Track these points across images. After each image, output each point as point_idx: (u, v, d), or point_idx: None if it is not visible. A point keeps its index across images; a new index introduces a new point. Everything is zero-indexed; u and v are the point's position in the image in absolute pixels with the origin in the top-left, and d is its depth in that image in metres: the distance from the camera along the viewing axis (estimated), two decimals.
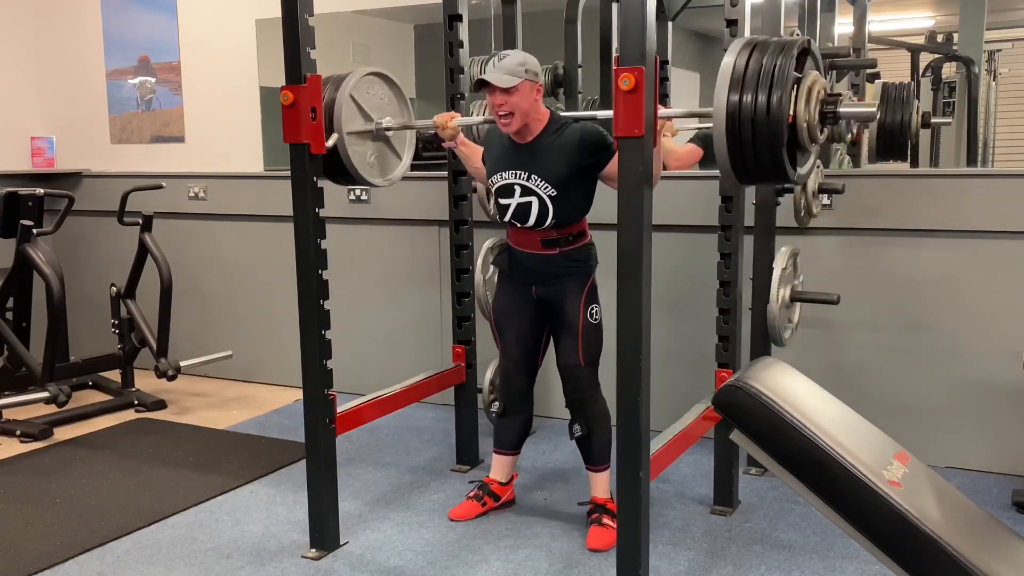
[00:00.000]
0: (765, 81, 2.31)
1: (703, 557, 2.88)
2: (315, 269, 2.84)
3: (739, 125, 2.32)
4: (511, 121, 2.85)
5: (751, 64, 2.35)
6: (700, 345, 3.59)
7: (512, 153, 2.95)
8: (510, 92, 2.80)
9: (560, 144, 2.88)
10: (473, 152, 3.22)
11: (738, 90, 2.33)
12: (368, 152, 3.13)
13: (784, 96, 2.29)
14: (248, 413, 4.51)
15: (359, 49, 5.10)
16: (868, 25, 4.23)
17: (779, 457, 2.16)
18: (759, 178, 2.45)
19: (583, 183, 2.93)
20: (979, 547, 2.03)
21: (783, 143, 2.32)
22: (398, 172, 3.28)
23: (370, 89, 3.13)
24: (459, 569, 2.82)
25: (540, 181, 2.89)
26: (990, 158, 4.68)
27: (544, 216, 2.92)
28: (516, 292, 3.10)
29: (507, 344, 3.14)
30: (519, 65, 2.81)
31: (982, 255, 3.47)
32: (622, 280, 2.32)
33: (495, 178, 2.99)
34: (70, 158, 5.48)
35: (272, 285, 4.84)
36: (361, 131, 3.08)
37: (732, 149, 2.36)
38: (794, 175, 2.42)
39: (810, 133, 2.38)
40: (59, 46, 5.44)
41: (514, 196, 2.94)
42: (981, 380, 3.51)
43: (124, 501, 3.38)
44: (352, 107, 3.02)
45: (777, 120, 2.29)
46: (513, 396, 3.16)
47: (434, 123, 3.15)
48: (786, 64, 2.31)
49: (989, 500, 3.27)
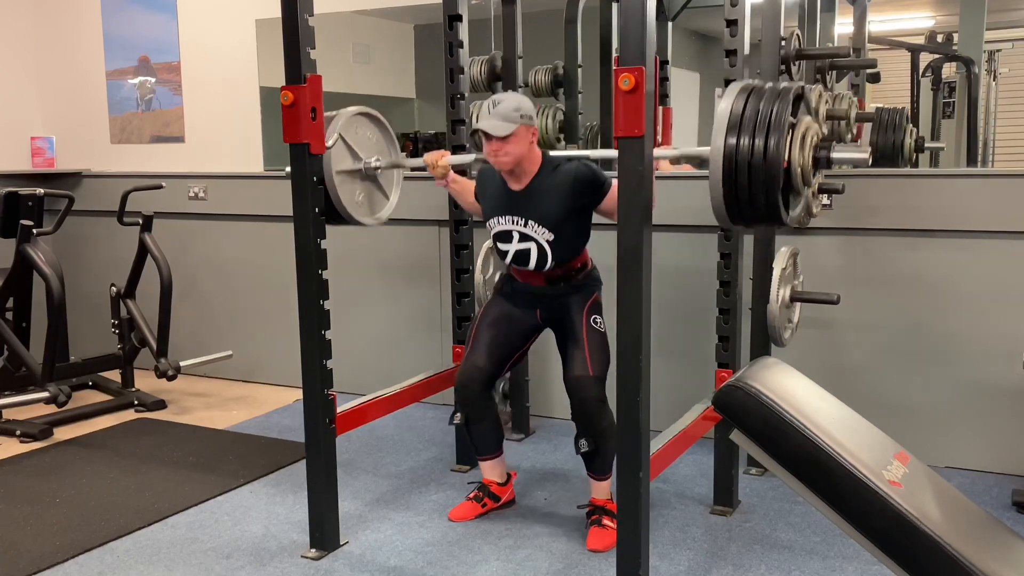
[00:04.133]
0: (762, 126, 2.37)
1: (703, 557, 2.88)
2: (315, 269, 2.84)
3: (736, 169, 2.38)
4: (507, 162, 2.88)
5: (748, 109, 2.41)
6: (700, 345, 3.59)
7: (508, 199, 2.97)
8: (506, 139, 2.82)
9: (554, 187, 2.90)
10: (464, 188, 3.25)
11: (735, 134, 2.39)
12: (356, 191, 3.19)
13: (781, 141, 2.35)
14: (248, 413, 4.52)
15: (359, 49, 5.10)
16: (868, 25, 4.23)
17: (779, 457, 2.17)
18: (752, 220, 2.51)
19: (579, 221, 2.96)
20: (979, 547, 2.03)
21: (779, 187, 2.38)
22: (386, 211, 3.34)
23: (359, 129, 3.19)
24: (459, 569, 2.82)
25: (537, 226, 2.92)
26: (990, 158, 4.68)
27: (544, 259, 2.95)
28: (515, 308, 3.11)
29: (476, 350, 3.12)
30: (514, 111, 2.83)
31: (982, 255, 3.47)
32: (622, 280, 2.32)
33: (492, 223, 3.02)
34: (70, 158, 5.48)
35: (272, 285, 4.84)
36: (350, 170, 3.13)
37: (728, 192, 2.42)
38: (787, 218, 2.47)
39: (804, 177, 2.45)
40: (59, 46, 5.44)
41: (512, 242, 2.97)
42: (981, 380, 3.51)
43: (124, 501, 3.39)
44: (341, 147, 3.08)
45: (774, 165, 2.35)
46: (470, 405, 3.11)
47: (424, 162, 3.18)
48: (782, 110, 2.37)
49: (989, 500, 3.27)
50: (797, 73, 3.33)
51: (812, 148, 2.46)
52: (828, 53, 3.54)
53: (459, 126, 3.61)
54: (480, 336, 3.13)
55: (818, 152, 2.48)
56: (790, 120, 2.39)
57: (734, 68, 3.04)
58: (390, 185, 3.36)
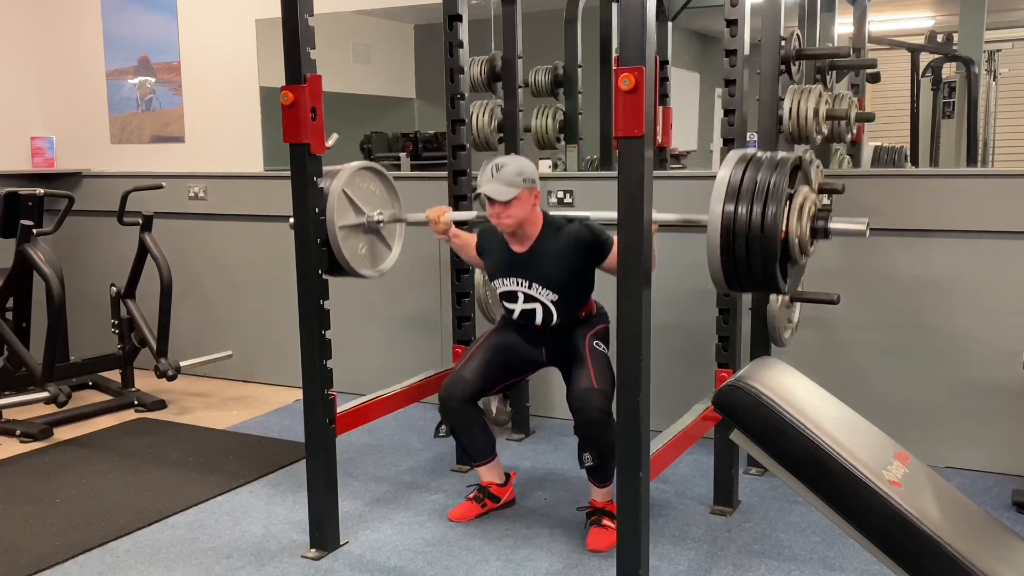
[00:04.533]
0: (760, 196, 2.40)
1: (703, 557, 2.88)
2: (315, 269, 2.84)
3: (733, 238, 2.41)
4: (510, 224, 2.92)
5: (746, 178, 2.44)
6: (700, 345, 3.59)
7: (511, 261, 3.02)
8: (509, 204, 2.86)
9: (556, 250, 2.94)
10: (466, 243, 3.27)
11: (733, 203, 2.41)
12: (360, 245, 3.24)
13: (778, 211, 2.38)
14: (248, 413, 4.52)
15: (359, 49, 5.11)
16: (868, 25, 4.23)
17: (779, 457, 2.17)
18: (749, 288, 2.54)
19: (583, 279, 3.01)
20: (979, 547, 2.03)
21: (777, 258, 2.40)
22: (388, 263, 3.39)
23: (361, 182, 3.23)
24: (459, 569, 2.82)
25: (541, 288, 2.97)
26: (990, 158, 4.68)
27: (549, 317, 3.01)
28: (521, 342, 3.12)
29: (467, 366, 3.13)
30: (517, 175, 2.86)
31: (982, 255, 3.47)
32: (622, 280, 2.32)
33: (497, 283, 3.07)
34: (70, 158, 5.48)
35: (272, 285, 4.84)
36: (353, 225, 3.18)
37: (725, 261, 2.45)
38: (785, 288, 2.49)
39: (801, 247, 2.48)
40: (59, 46, 5.44)
41: (518, 302, 3.03)
42: (981, 380, 3.51)
43: (124, 501, 3.39)
44: (344, 202, 3.14)
45: (772, 235, 2.38)
46: (453, 416, 3.10)
47: (426, 217, 3.21)
48: (780, 180, 2.39)
49: (989, 500, 3.27)
50: (797, 73, 3.33)
51: (810, 218, 2.49)
52: (828, 53, 3.54)
53: (459, 126, 3.61)
54: (476, 355, 3.15)
55: (816, 222, 2.51)
56: (788, 191, 2.42)
57: (734, 68, 3.04)
58: (392, 236, 3.42)
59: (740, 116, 3.08)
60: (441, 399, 3.11)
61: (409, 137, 5.22)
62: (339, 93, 4.42)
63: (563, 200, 4.06)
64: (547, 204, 4.08)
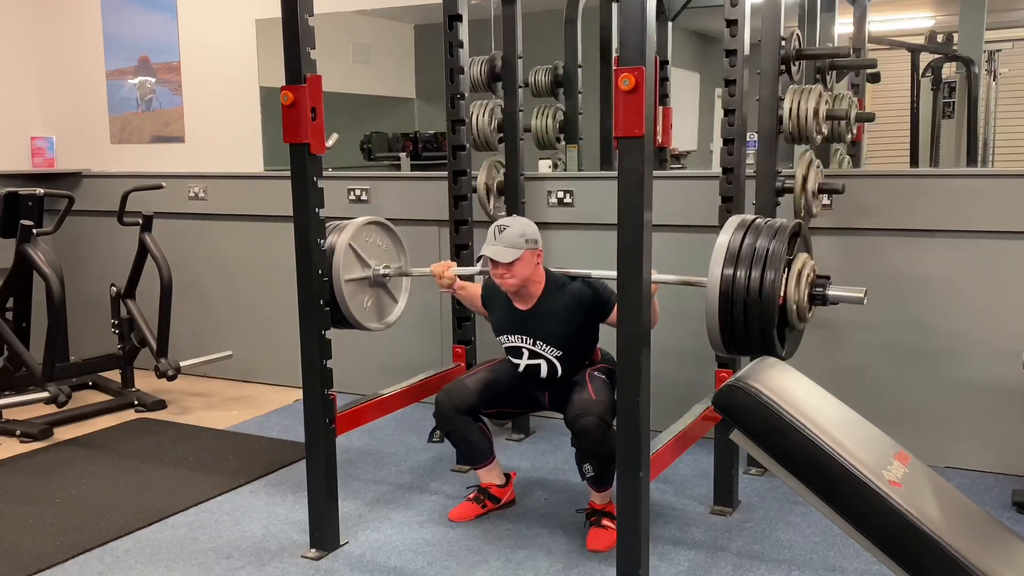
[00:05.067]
0: (759, 262, 2.43)
1: (703, 557, 2.88)
2: (315, 269, 2.84)
3: (732, 304, 2.44)
4: (513, 283, 2.94)
5: (745, 244, 2.48)
6: (700, 345, 3.58)
7: (515, 319, 3.05)
8: (511, 265, 2.89)
9: (559, 309, 2.97)
10: (470, 295, 3.29)
11: (732, 268, 2.45)
12: (366, 299, 3.28)
13: (776, 277, 2.41)
14: (248, 413, 4.52)
15: (359, 49, 5.10)
16: (868, 25, 4.23)
17: (779, 457, 2.17)
18: (747, 351, 2.57)
19: (586, 335, 3.04)
20: (979, 547, 2.03)
21: (775, 324, 2.43)
22: (394, 315, 3.42)
23: (368, 237, 3.27)
24: (459, 569, 2.82)
25: (545, 346, 3.01)
26: (990, 158, 4.68)
27: (554, 373, 3.04)
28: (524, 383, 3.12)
29: (471, 378, 3.14)
30: (519, 236, 2.90)
31: (982, 255, 3.47)
32: (622, 280, 2.32)
33: (502, 339, 3.11)
34: (70, 158, 5.48)
35: (272, 285, 4.84)
36: (359, 278, 3.22)
37: (724, 326, 2.48)
38: (782, 352, 2.51)
39: (799, 314, 2.50)
40: (59, 46, 5.44)
41: (523, 358, 3.06)
42: (981, 380, 3.51)
43: (124, 501, 3.39)
44: (351, 256, 3.17)
45: (769, 301, 2.41)
46: (448, 423, 3.10)
47: (431, 272, 3.23)
48: (779, 247, 2.41)
49: (989, 500, 3.27)
50: (797, 73, 3.33)
51: (808, 285, 2.50)
52: (828, 53, 3.54)
53: (459, 126, 3.61)
54: (483, 371, 3.18)
55: (814, 289, 2.53)
56: (786, 257, 2.44)
57: (734, 68, 3.04)
58: (398, 290, 3.44)
59: (740, 116, 3.08)
60: (437, 403, 3.11)
61: (409, 137, 5.22)
62: (339, 93, 4.42)
63: (563, 200, 4.06)
64: (547, 205, 4.08)
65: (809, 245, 2.67)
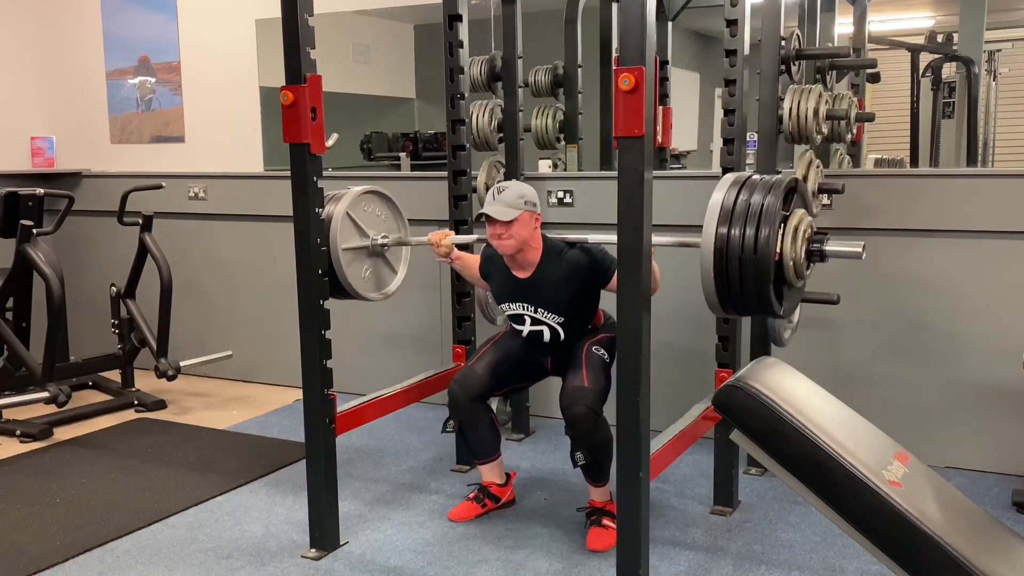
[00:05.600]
0: (753, 218, 2.38)
1: (703, 557, 2.88)
2: (315, 269, 2.84)
3: (726, 261, 2.40)
4: (510, 245, 2.93)
5: (739, 201, 2.42)
6: (700, 345, 3.59)
7: (515, 287, 3.04)
8: (510, 224, 2.89)
9: (558, 277, 2.97)
10: (467, 265, 3.28)
11: (726, 226, 2.40)
12: (364, 268, 3.25)
13: (771, 233, 2.35)
14: (248, 413, 4.52)
15: (359, 49, 5.11)
16: (868, 25, 4.23)
17: (779, 457, 2.17)
18: (745, 311, 2.51)
19: (587, 301, 3.04)
20: (979, 547, 2.03)
21: (770, 280, 2.38)
22: (393, 286, 3.40)
23: (366, 206, 3.24)
24: (459, 569, 2.82)
25: (547, 313, 3.01)
26: (990, 158, 4.68)
27: (557, 338, 3.04)
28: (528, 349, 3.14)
29: (480, 363, 3.14)
30: (518, 197, 2.90)
31: (982, 255, 3.47)
32: (622, 280, 2.32)
33: (504, 307, 3.11)
34: (70, 158, 5.48)
35: (272, 285, 4.84)
36: (357, 247, 3.20)
37: (719, 285, 2.43)
38: (780, 310, 2.47)
39: (796, 270, 2.45)
40: (59, 46, 5.44)
41: (525, 324, 3.06)
42: (981, 380, 3.51)
43: (124, 501, 3.39)
44: (348, 224, 3.15)
45: (764, 257, 2.35)
46: (462, 411, 3.11)
47: (429, 241, 3.23)
48: (774, 202, 2.36)
49: (989, 500, 3.27)
50: (797, 73, 3.33)
51: (805, 241, 2.45)
52: (828, 53, 3.54)
53: (459, 126, 3.61)
54: (488, 353, 3.17)
55: (811, 245, 2.48)
56: (782, 213, 2.40)
57: (734, 68, 3.04)
58: (398, 260, 3.42)
59: (740, 116, 3.08)
60: (451, 394, 3.11)
61: (409, 137, 5.22)
62: (339, 93, 4.42)
63: (563, 200, 4.06)
64: (547, 204, 4.08)
65: (808, 201, 2.61)
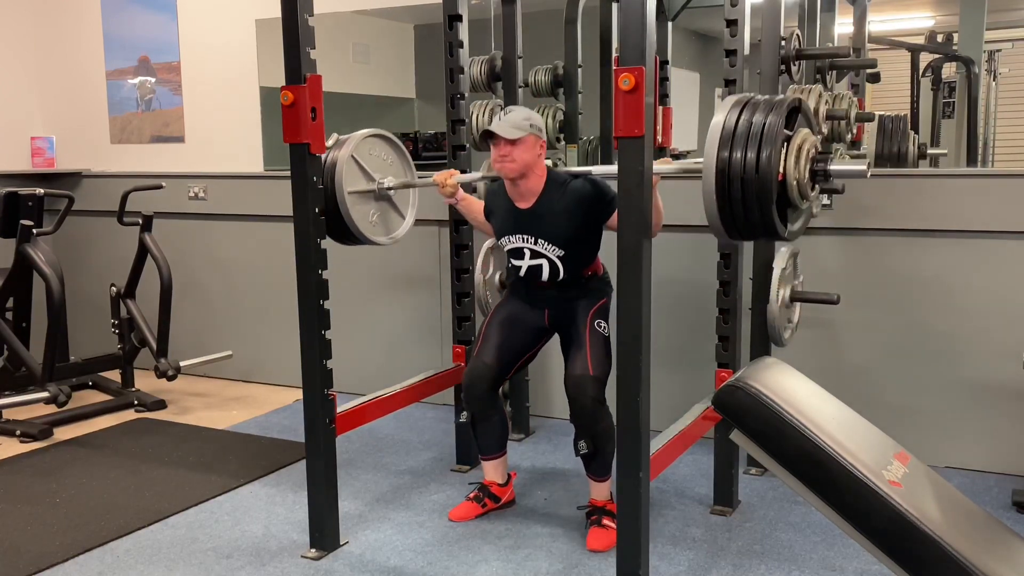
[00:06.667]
0: (755, 139, 2.33)
1: (703, 557, 2.88)
2: (315, 269, 2.83)
3: (729, 183, 2.35)
4: (513, 168, 2.91)
5: (741, 122, 2.37)
6: (700, 345, 3.59)
7: (517, 218, 3.02)
8: (515, 144, 2.87)
9: (562, 206, 2.95)
10: (473, 207, 3.27)
11: (728, 148, 2.35)
12: (370, 211, 3.21)
13: (774, 154, 2.31)
14: (248, 413, 4.52)
15: (359, 49, 5.10)
16: (868, 25, 4.23)
17: (779, 457, 2.17)
18: (749, 235, 2.46)
19: (589, 236, 3.01)
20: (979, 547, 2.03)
21: (773, 200, 2.34)
22: (401, 230, 3.36)
23: (372, 150, 3.22)
24: (459, 569, 2.82)
25: (547, 244, 2.97)
26: (990, 158, 4.68)
27: (556, 274, 3.01)
28: (525, 309, 3.13)
29: (485, 349, 3.13)
30: (524, 119, 2.90)
31: (982, 255, 3.47)
32: (622, 280, 2.32)
33: (503, 240, 3.08)
34: (70, 158, 5.48)
35: (272, 285, 4.84)
36: (363, 191, 3.16)
37: (722, 207, 2.39)
38: (785, 232, 2.44)
39: (800, 191, 2.40)
40: (59, 46, 5.44)
41: (524, 258, 3.03)
42: (981, 380, 3.51)
43: (124, 501, 3.39)
44: (353, 168, 3.11)
45: (767, 178, 2.31)
46: (477, 403, 3.12)
47: (434, 181, 3.21)
48: (776, 122, 2.33)
49: (989, 500, 3.27)
50: (797, 73, 3.33)
51: (809, 161, 2.40)
52: (828, 53, 3.54)
53: (459, 126, 3.61)
54: (490, 335, 3.15)
55: (815, 165, 2.43)
56: (785, 132, 2.36)
57: (734, 68, 3.04)
58: (405, 205, 3.40)
59: None
60: (466, 387, 3.13)
61: (409, 137, 5.22)
62: (339, 93, 4.41)
63: None
64: None
65: (811, 121, 2.57)
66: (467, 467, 3.66)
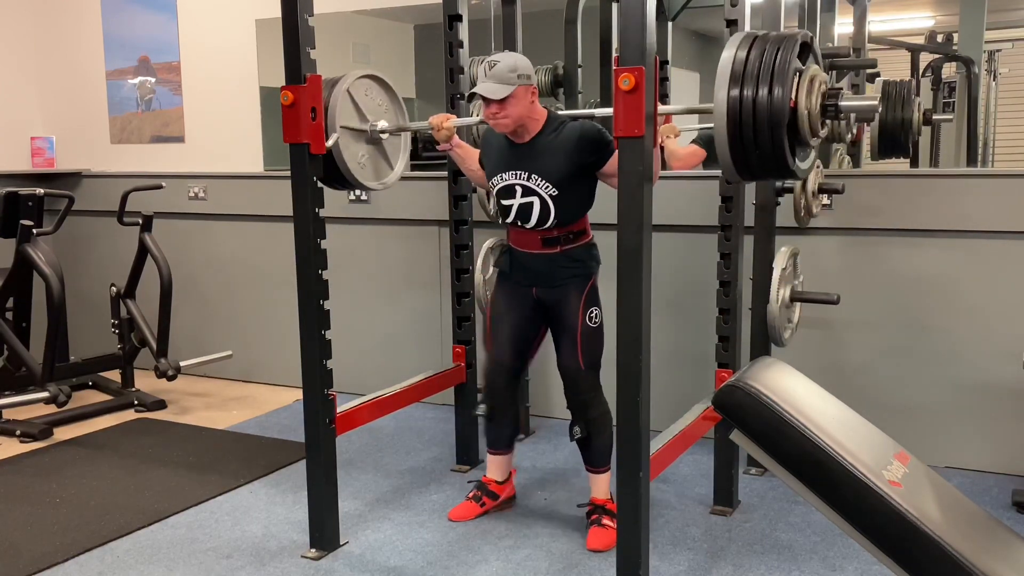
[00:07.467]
0: (766, 72, 2.28)
1: (703, 557, 2.88)
2: (315, 269, 2.83)
3: (740, 116, 2.29)
4: (507, 124, 2.84)
5: (751, 57, 2.32)
6: (700, 345, 3.59)
7: (511, 154, 2.94)
8: (504, 103, 2.79)
9: (559, 143, 2.87)
10: (468, 154, 3.21)
11: (739, 84, 2.30)
12: (360, 152, 3.11)
13: (787, 83, 2.27)
14: (248, 413, 4.52)
15: (359, 49, 5.10)
16: (868, 25, 4.23)
17: (779, 457, 2.16)
18: (760, 171, 2.40)
19: (584, 181, 2.92)
20: (979, 547, 2.03)
21: (784, 127, 2.28)
22: (391, 177, 3.27)
23: (368, 92, 3.14)
24: (459, 569, 2.82)
25: (541, 180, 2.88)
26: (990, 158, 4.68)
27: (546, 215, 2.91)
28: (515, 293, 3.08)
29: (498, 344, 3.12)
30: (511, 71, 2.78)
31: (982, 255, 3.47)
32: (622, 280, 2.32)
33: (495, 180, 2.98)
34: (70, 158, 5.48)
35: (272, 285, 4.84)
36: (356, 128, 3.07)
37: (733, 142, 2.33)
38: (794, 165, 2.39)
39: (811, 124, 2.34)
40: (59, 46, 5.44)
41: (515, 197, 2.94)
42: (981, 380, 3.51)
43: (124, 501, 3.39)
44: (348, 103, 3.02)
45: (780, 106, 2.26)
46: (498, 398, 3.14)
47: (430, 124, 3.13)
48: (788, 56, 2.30)
49: (989, 500, 3.27)
50: None
51: (820, 95, 2.35)
52: (828, 53, 3.53)
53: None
54: (498, 331, 3.12)
55: (826, 100, 2.37)
56: (797, 65, 2.30)
57: None
58: (396, 154, 3.30)
59: None
60: (488, 384, 3.15)
61: None
62: None
63: None
64: None
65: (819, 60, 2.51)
66: (467, 467, 3.66)
